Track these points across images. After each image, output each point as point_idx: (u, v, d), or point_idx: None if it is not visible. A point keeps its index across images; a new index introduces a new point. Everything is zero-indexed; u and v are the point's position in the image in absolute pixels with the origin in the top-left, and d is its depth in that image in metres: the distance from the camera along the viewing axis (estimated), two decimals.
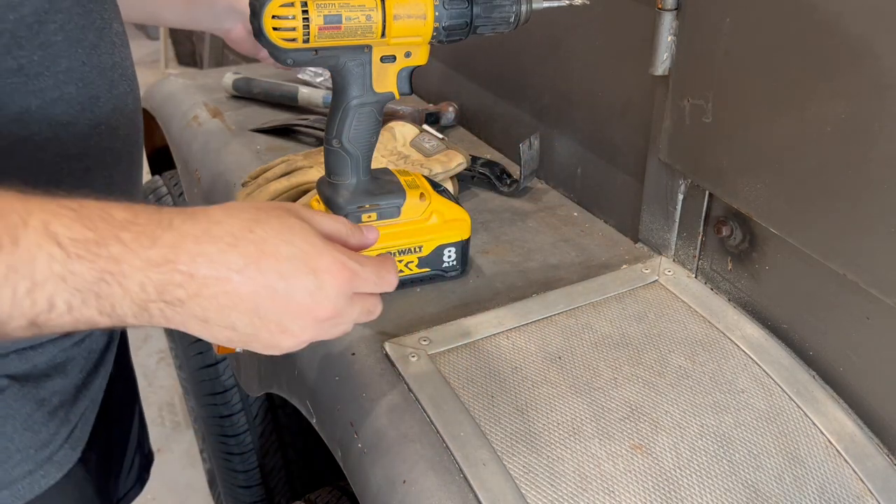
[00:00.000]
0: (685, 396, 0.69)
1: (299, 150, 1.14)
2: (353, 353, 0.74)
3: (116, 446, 0.90)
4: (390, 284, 0.57)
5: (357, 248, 0.57)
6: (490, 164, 1.06)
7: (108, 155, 0.67)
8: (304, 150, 1.02)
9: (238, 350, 0.57)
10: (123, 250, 0.44)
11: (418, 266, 0.81)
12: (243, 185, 0.97)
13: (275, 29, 0.66)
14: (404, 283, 0.82)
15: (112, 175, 0.68)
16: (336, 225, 0.56)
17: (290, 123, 1.20)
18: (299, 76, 1.34)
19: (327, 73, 0.87)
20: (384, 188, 0.79)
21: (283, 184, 0.92)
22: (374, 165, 0.79)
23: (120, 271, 0.43)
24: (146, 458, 0.98)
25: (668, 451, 0.64)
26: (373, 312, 0.57)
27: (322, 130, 1.11)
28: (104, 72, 0.65)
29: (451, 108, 1.22)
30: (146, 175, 1.70)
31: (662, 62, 0.79)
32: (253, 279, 0.48)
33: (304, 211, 0.54)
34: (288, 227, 0.51)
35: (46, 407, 0.67)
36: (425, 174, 0.90)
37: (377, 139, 0.77)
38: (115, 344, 0.80)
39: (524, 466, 0.62)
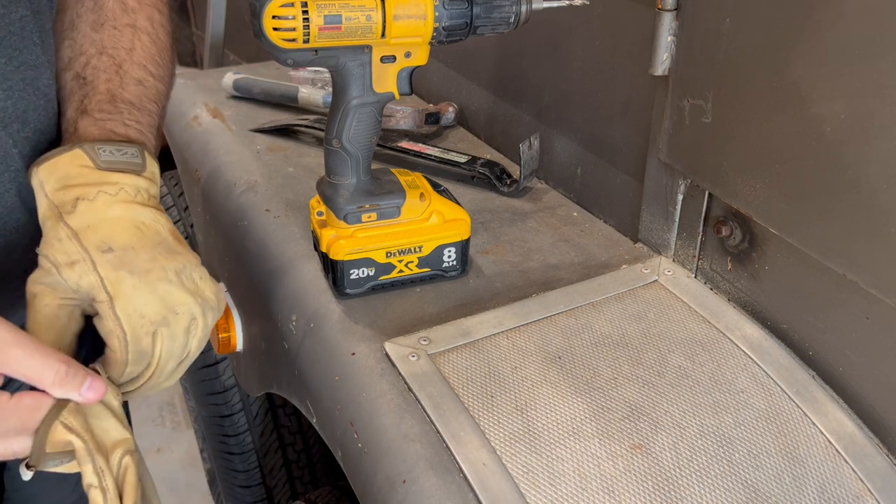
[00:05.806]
0: (685, 396, 0.69)
1: (299, 149, 1.15)
2: (353, 353, 0.74)
3: None
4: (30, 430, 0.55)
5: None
6: (490, 164, 1.06)
7: None
8: (304, 150, 1.02)
9: (239, 349, 0.57)
10: None
11: (418, 266, 0.81)
12: None
13: (275, 29, 0.66)
14: (404, 283, 0.82)
15: None
16: (40, 371, 0.54)
17: (290, 123, 1.20)
18: (291, 73, 1.34)
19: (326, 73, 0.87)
20: (384, 188, 0.79)
21: None
22: None
23: None
24: None
25: (667, 451, 0.64)
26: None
27: (322, 130, 1.11)
28: None
29: (451, 108, 1.22)
30: None
31: (662, 62, 0.79)
32: None
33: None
34: None
35: None
36: None
37: (377, 139, 0.77)
38: None
39: (524, 466, 0.62)
